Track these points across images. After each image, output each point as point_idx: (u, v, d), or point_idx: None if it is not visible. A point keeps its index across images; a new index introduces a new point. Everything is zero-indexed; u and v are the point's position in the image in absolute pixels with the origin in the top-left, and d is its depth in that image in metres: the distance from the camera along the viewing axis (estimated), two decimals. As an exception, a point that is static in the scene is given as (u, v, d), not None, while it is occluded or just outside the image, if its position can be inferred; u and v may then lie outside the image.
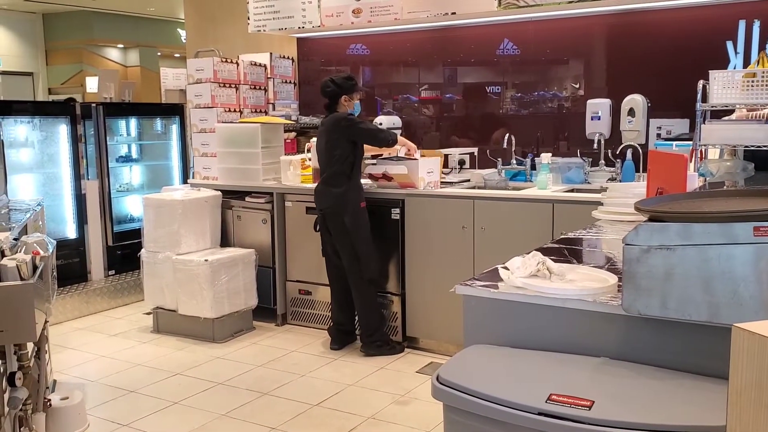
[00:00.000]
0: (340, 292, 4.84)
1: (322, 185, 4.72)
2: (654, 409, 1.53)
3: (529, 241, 3.41)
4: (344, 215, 4.61)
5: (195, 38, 7.00)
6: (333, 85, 4.67)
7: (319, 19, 5.63)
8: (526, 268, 2.02)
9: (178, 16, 13.53)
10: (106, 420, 3.79)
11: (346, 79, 4.70)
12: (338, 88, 4.66)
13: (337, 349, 4.84)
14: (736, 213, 1.54)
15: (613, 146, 4.79)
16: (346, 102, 4.70)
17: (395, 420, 3.74)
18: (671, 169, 2.58)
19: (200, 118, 5.73)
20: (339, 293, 4.85)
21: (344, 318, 4.88)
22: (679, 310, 1.59)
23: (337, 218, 4.64)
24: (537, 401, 1.58)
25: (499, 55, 5.41)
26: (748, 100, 3.39)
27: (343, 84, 4.67)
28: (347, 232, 4.62)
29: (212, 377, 4.38)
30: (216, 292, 4.99)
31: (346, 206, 4.61)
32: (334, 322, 4.93)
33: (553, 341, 1.88)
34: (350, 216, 4.61)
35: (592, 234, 2.84)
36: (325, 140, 4.69)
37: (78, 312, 5.74)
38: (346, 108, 4.71)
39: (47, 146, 5.92)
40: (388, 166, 4.84)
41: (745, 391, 1.06)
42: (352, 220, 4.61)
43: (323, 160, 4.73)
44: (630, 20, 4.89)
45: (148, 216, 5.29)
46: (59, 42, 14.25)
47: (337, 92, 4.67)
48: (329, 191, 4.65)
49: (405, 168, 4.76)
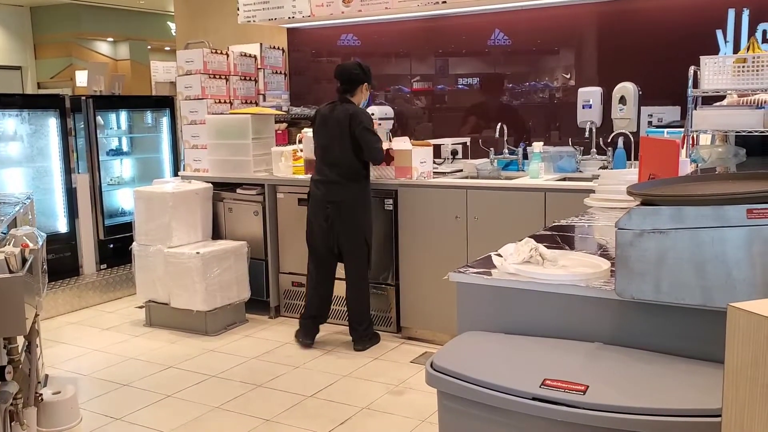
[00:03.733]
0: (325, 285, 4.73)
1: (338, 177, 4.53)
2: (648, 393, 1.53)
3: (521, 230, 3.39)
4: (360, 209, 4.56)
5: (185, 30, 6.96)
6: (360, 70, 4.55)
7: (309, 9, 5.60)
8: (519, 254, 2.01)
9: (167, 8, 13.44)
10: (99, 414, 3.77)
11: (369, 68, 4.65)
12: (364, 75, 4.57)
13: (310, 344, 4.72)
14: (729, 196, 1.54)
15: (604, 134, 4.79)
16: (365, 91, 4.62)
17: (390, 410, 3.74)
18: (663, 156, 2.58)
19: (190, 110, 5.70)
20: (323, 286, 4.73)
21: (324, 310, 4.78)
22: (673, 293, 1.58)
23: (351, 212, 4.55)
24: (531, 386, 1.57)
25: (490, 46, 5.40)
26: (739, 86, 3.38)
27: (368, 71, 4.61)
28: (359, 225, 4.57)
29: (205, 370, 4.37)
30: (208, 285, 4.97)
31: (364, 201, 4.60)
32: (312, 315, 4.75)
33: (546, 327, 1.87)
34: (366, 210, 4.60)
35: (584, 221, 2.84)
36: (339, 131, 4.50)
37: (70, 306, 5.71)
38: (361, 97, 4.61)
39: (37, 140, 5.87)
40: (394, 142, 4.85)
41: (741, 371, 1.06)
42: (367, 215, 4.60)
43: (337, 152, 4.53)
44: (620, 8, 4.88)
45: (139, 209, 5.27)
46: (48, 35, 14.12)
47: (362, 78, 4.56)
48: (348, 185, 4.53)
49: (409, 144, 4.74)
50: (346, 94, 4.56)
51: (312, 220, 4.68)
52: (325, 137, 4.61)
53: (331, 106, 4.60)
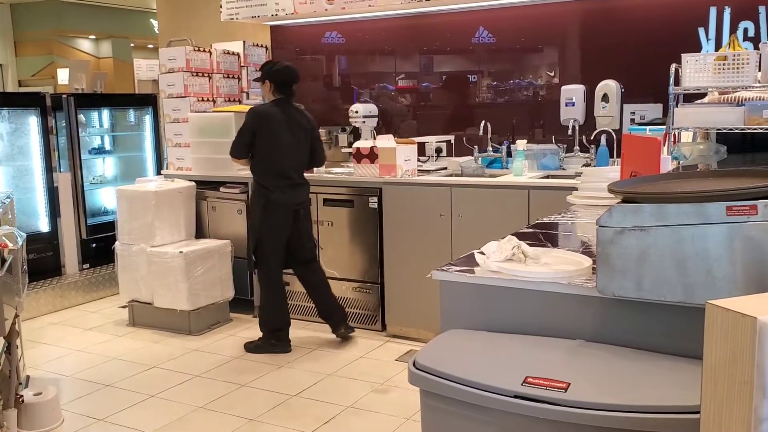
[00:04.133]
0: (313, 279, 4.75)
1: (302, 179, 4.65)
2: (629, 390, 1.53)
3: (506, 227, 3.39)
4: (309, 206, 4.77)
5: (167, 28, 6.91)
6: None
7: (292, 7, 5.57)
8: (502, 252, 2.01)
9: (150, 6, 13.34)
10: (82, 415, 3.74)
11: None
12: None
13: (352, 331, 4.76)
14: (709, 193, 1.54)
15: (587, 132, 4.81)
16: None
17: (375, 408, 3.73)
18: (645, 153, 2.58)
19: (173, 108, 5.67)
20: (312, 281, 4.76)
21: (331, 298, 4.76)
22: (654, 291, 1.59)
23: (307, 210, 4.74)
24: (513, 384, 1.57)
25: (474, 44, 5.40)
26: (720, 83, 3.40)
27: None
28: (310, 222, 4.79)
29: (189, 370, 4.34)
30: (192, 284, 4.95)
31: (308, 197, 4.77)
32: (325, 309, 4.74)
33: (528, 324, 1.87)
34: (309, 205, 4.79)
35: (567, 218, 2.84)
36: (303, 134, 4.59)
37: (52, 306, 5.66)
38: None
39: (17, 138, 5.81)
40: (378, 140, 4.86)
41: (719, 367, 1.06)
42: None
43: (303, 155, 4.62)
44: (603, 6, 4.90)
45: (121, 208, 5.23)
46: (28, 33, 13.97)
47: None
48: (305, 186, 4.69)
49: (393, 141, 4.76)
50: (292, 96, 4.61)
51: (280, 226, 4.55)
52: (291, 139, 4.54)
53: (279, 107, 4.53)
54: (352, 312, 4.96)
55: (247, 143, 4.50)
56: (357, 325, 4.95)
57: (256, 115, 4.52)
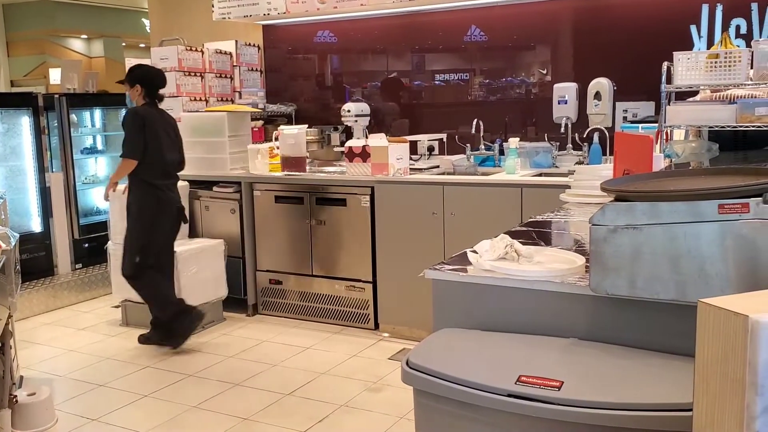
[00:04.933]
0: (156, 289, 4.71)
1: (177, 179, 4.74)
2: (623, 388, 1.54)
3: (498, 225, 3.40)
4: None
5: (159, 27, 6.89)
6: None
7: (284, 6, 5.56)
8: (495, 251, 2.02)
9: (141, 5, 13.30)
10: (76, 415, 3.73)
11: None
12: None
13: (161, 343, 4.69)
14: (701, 191, 1.55)
15: (580, 130, 4.82)
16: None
17: (368, 407, 3.73)
18: (637, 151, 2.59)
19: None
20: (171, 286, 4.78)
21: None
22: (647, 289, 1.59)
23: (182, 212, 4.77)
24: (506, 383, 1.57)
25: (466, 42, 5.40)
26: (712, 81, 3.42)
27: None
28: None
29: (182, 369, 4.33)
30: (185, 284, 4.93)
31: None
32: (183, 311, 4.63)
33: (522, 323, 1.88)
34: None
35: (559, 217, 2.85)
36: (176, 135, 4.68)
37: (45, 306, 5.64)
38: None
39: (9, 138, 5.79)
40: (370, 139, 4.86)
41: (711, 366, 1.06)
42: None
43: (177, 155, 4.70)
44: (595, 4, 4.91)
45: (114, 208, 5.20)
46: (20, 32, 13.92)
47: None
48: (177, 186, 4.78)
49: (385, 140, 4.75)
50: (161, 99, 4.63)
51: (165, 223, 4.62)
52: (168, 140, 4.60)
53: (155, 109, 4.57)
54: (345, 311, 4.97)
55: (141, 142, 4.44)
56: (350, 323, 4.96)
57: (139, 115, 4.49)
